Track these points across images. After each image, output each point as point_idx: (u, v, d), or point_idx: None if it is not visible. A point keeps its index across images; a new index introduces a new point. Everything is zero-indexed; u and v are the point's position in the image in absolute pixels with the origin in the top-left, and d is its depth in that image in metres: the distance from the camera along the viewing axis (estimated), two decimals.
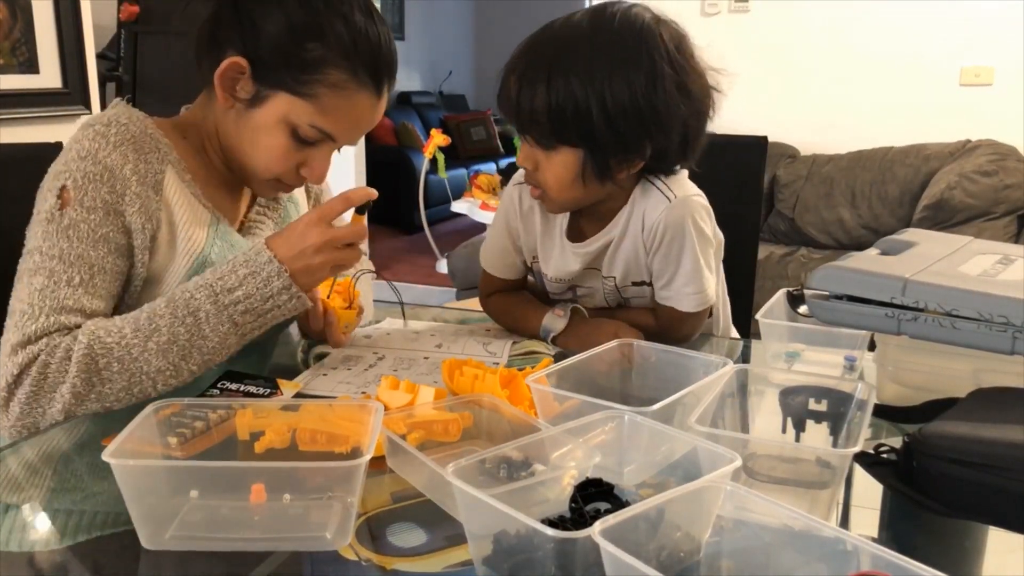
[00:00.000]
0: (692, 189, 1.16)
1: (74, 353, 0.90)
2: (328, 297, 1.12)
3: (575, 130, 1.04)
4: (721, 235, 1.23)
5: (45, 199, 0.97)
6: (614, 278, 1.21)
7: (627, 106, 1.02)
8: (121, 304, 1.01)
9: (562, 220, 1.21)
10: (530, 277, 1.32)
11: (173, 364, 0.93)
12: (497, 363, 1.09)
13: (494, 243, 1.29)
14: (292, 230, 0.98)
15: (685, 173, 1.17)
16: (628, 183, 1.14)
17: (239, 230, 1.14)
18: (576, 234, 1.21)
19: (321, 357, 1.12)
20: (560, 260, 1.22)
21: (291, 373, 1.06)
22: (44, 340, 0.91)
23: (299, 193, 1.27)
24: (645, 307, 1.23)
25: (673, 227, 1.12)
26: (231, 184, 1.14)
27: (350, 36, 0.99)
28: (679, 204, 1.12)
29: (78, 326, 0.93)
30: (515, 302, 1.29)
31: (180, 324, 0.93)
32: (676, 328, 1.19)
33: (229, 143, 1.06)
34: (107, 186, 0.96)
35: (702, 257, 1.15)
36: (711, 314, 1.29)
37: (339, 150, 1.08)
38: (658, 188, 1.14)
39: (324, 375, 1.03)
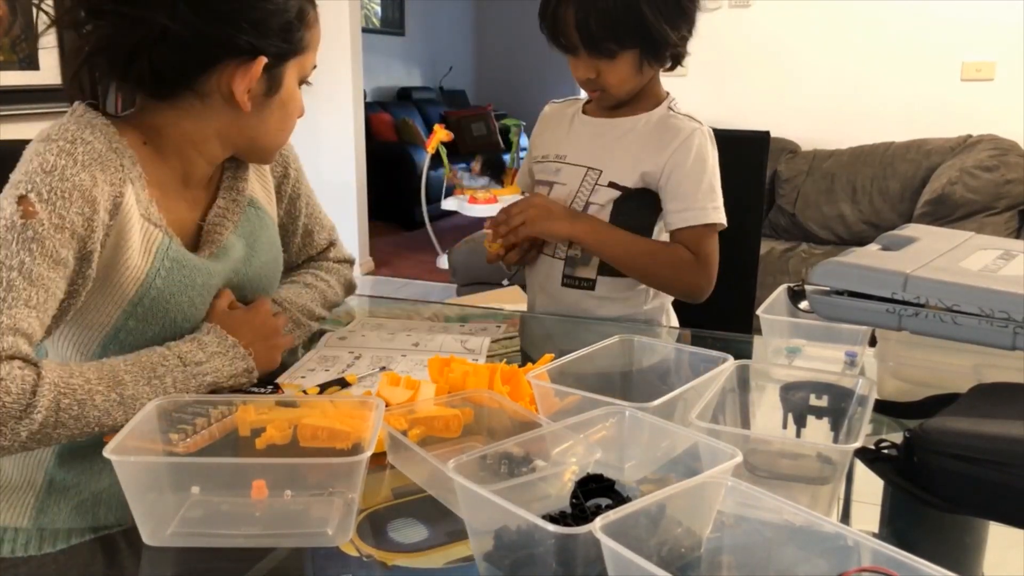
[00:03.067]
0: None
1: (39, 390, 0.80)
2: None
3: (635, 34, 1.19)
4: None
5: (1, 206, 0.87)
6: (600, 171, 1.30)
7: (668, 2, 1.20)
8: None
9: (581, 109, 1.38)
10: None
11: (126, 417, 0.84)
12: (476, 359, 1.09)
13: (523, 163, 1.47)
14: (252, 319, 1.05)
15: None
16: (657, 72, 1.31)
17: (199, 235, 1.06)
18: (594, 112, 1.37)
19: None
20: (565, 135, 1.36)
21: (284, 369, 1.06)
22: (4, 365, 0.80)
23: (261, 194, 1.17)
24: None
25: (699, 148, 1.27)
26: (185, 189, 1.05)
27: None
28: (706, 132, 1.30)
29: (27, 357, 0.83)
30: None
31: (146, 384, 0.88)
32: (697, 248, 1.27)
33: (247, 138, 1.03)
34: (76, 207, 0.88)
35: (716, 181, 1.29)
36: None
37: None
38: (685, 116, 1.31)
39: (303, 377, 1.03)
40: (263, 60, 0.96)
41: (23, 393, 0.79)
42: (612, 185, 1.28)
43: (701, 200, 1.26)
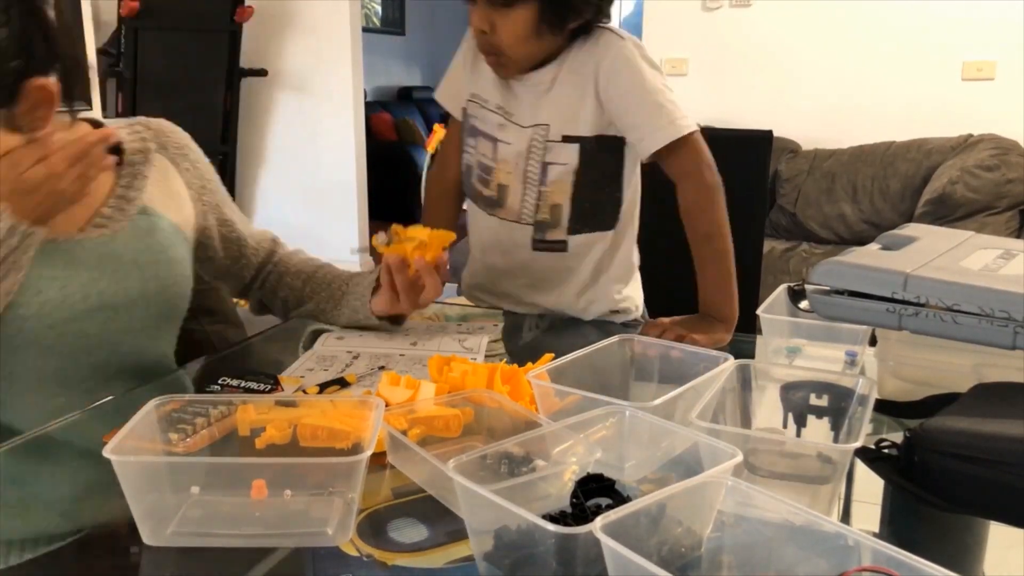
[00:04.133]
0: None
1: None
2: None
3: None
4: None
5: None
6: (547, 127, 1.22)
7: None
8: None
9: None
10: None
11: None
12: (475, 358, 1.09)
13: (451, 71, 1.35)
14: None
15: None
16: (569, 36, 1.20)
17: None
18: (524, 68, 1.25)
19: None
20: (493, 80, 1.26)
21: (283, 368, 1.06)
22: None
23: (161, 202, 1.11)
24: (561, 197, 1.25)
25: (627, 62, 1.17)
26: None
27: None
28: (630, 45, 1.18)
29: None
30: (437, 208, 1.36)
31: None
32: (695, 161, 1.18)
33: None
34: None
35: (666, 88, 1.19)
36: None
37: None
38: (604, 30, 1.20)
39: (302, 377, 1.03)
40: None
41: None
42: (567, 139, 1.22)
43: (664, 116, 1.17)
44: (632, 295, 1.38)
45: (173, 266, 1.09)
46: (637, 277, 1.41)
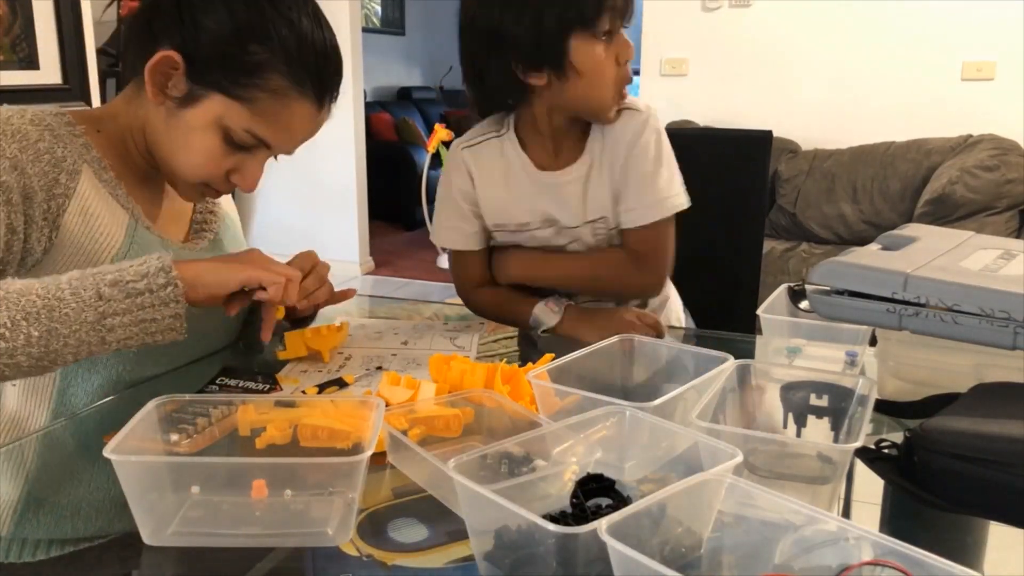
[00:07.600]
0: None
1: None
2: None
3: None
4: None
5: None
6: (605, 219, 1.23)
7: None
8: None
9: (522, 158, 1.24)
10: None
11: (10, 319, 0.78)
12: (468, 355, 1.09)
13: (448, 214, 1.29)
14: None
15: None
16: None
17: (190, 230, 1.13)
18: (549, 163, 1.24)
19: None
20: (531, 200, 1.24)
21: (282, 367, 1.06)
22: None
23: (233, 213, 1.24)
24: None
25: (649, 136, 1.19)
26: (154, 184, 1.09)
27: (296, 41, 0.95)
28: (651, 114, 1.20)
29: None
30: (503, 295, 1.28)
31: (38, 283, 0.81)
32: (651, 245, 1.21)
33: (156, 140, 1.00)
34: (17, 144, 0.91)
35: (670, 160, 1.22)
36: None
37: (275, 158, 1.04)
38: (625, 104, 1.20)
39: (298, 377, 1.03)
40: (175, 55, 0.93)
41: None
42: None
43: (661, 191, 1.19)
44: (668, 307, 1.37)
45: None
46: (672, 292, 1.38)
